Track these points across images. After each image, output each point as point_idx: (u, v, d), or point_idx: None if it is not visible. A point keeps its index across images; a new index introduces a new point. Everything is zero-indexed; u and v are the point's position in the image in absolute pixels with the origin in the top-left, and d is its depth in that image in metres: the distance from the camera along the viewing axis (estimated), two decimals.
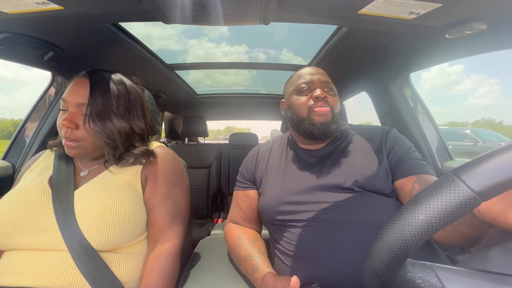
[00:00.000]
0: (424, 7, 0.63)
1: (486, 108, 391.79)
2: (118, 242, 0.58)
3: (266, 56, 1.74)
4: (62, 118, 0.60)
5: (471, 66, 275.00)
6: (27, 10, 0.64)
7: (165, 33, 0.98)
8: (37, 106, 1.15)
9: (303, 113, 0.73)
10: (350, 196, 0.64)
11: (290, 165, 0.76)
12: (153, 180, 0.67)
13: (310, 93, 0.73)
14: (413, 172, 0.64)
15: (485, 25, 0.67)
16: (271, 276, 0.59)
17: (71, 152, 0.63)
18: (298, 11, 0.70)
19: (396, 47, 0.94)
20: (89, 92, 0.62)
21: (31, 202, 0.58)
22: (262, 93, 2.20)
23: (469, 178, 0.26)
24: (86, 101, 0.61)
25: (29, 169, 0.69)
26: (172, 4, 0.63)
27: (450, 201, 0.26)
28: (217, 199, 2.12)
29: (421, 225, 0.27)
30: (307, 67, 0.80)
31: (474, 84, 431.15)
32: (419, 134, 1.22)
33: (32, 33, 0.77)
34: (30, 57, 0.88)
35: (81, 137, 0.61)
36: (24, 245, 0.56)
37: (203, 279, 0.68)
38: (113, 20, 0.78)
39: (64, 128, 0.61)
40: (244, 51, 1.79)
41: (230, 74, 1.90)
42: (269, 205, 0.71)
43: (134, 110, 0.69)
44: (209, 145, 2.16)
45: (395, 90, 1.29)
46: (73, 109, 0.62)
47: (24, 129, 1.15)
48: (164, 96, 1.86)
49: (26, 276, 0.53)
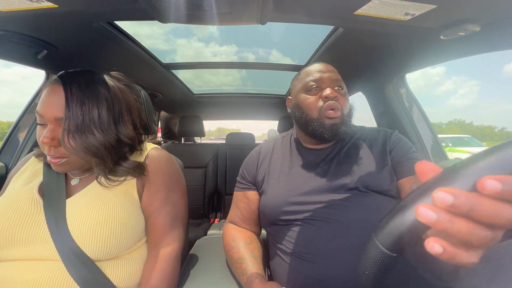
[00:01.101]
0: (419, 9, 0.64)
1: (466, 108, 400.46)
2: (116, 251, 0.56)
3: (263, 56, 1.74)
4: (42, 136, 0.54)
5: (452, 68, 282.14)
6: (21, 8, 0.63)
7: (153, 31, 0.97)
8: (31, 106, 1.14)
9: (313, 114, 0.70)
10: (355, 197, 0.64)
11: (295, 164, 0.74)
12: (150, 186, 0.64)
13: (320, 92, 0.70)
14: (413, 172, 0.64)
15: (478, 27, 0.68)
16: (258, 282, 0.58)
17: (59, 169, 0.59)
18: (294, 11, 0.71)
19: (392, 48, 0.95)
20: (65, 104, 0.53)
21: (21, 214, 0.55)
22: (259, 93, 2.21)
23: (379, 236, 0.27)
24: (63, 115, 0.54)
25: (17, 174, 0.66)
26: (168, 3, 0.63)
27: None
28: (213, 199, 2.11)
29: None
30: (316, 63, 0.76)
31: (455, 85, 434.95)
32: (414, 134, 1.24)
33: (25, 31, 0.76)
34: (24, 55, 0.87)
35: (67, 153, 0.55)
36: (15, 257, 0.53)
37: (200, 279, 0.68)
38: (108, 18, 0.77)
39: (46, 146, 0.55)
40: (239, 51, 1.79)
41: (220, 74, 1.89)
42: (274, 205, 0.70)
43: (120, 116, 0.61)
44: (206, 145, 2.16)
45: (390, 90, 1.30)
46: (51, 125, 0.55)
47: (17, 129, 1.14)
48: (160, 96, 1.85)
49: (15, 285, 0.51)
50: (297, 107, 0.75)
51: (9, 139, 1.12)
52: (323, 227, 0.62)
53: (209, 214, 2.05)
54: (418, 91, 25.43)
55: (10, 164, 1.07)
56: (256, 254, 0.69)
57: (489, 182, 0.21)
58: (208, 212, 2.03)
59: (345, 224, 0.60)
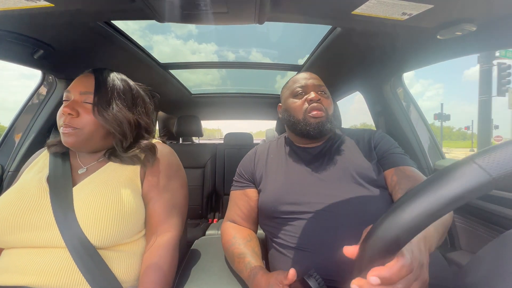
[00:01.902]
0: (416, 8, 0.64)
1: (432, 110, 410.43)
2: (117, 238, 0.58)
3: (260, 56, 1.74)
4: (64, 106, 0.62)
5: (421, 71, 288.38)
6: (17, 7, 0.63)
7: (127, 27, 0.97)
8: (27, 106, 1.13)
9: (299, 115, 0.78)
10: (349, 188, 0.68)
11: (290, 162, 0.80)
12: (151, 174, 0.68)
13: (305, 96, 0.79)
14: (394, 164, 0.71)
15: (474, 27, 0.68)
16: (262, 273, 0.60)
17: (67, 140, 0.63)
18: (292, 11, 0.71)
19: (389, 48, 0.95)
20: (95, 83, 0.65)
21: (29, 200, 0.58)
22: (257, 93, 2.21)
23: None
24: (91, 90, 0.64)
25: (28, 167, 0.69)
26: (166, 2, 0.62)
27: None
28: (212, 199, 2.11)
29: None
30: (302, 72, 0.86)
31: (423, 88, 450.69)
32: (411, 134, 1.24)
33: (21, 31, 0.76)
34: (19, 55, 0.86)
35: (80, 124, 0.62)
36: (23, 242, 0.56)
37: (198, 279, 0.68)
38: (105, 18, 0.77)
39: (64, 116, 0.62)
40: (236, 51, 1.79)
41: (199, 73, 1.88)
42: (273, 199, 0.73)
43: (139, 105, 0.72)
44: (204, 145, 2.15)
45: (388, 90, 1.30)
46: (75, 97, 0.64)
47: (13, 130, 1.13)
48: (158, 96, 1.84)
49: (24, 274, 0.53)
50: (286, 111, 0.83)
51: (4, 140, 1.11)
52: (320, 219, 0.66)
53: (208, 214, 2.04)
54: None
55: (6, 165, 1.06)
56: (257, 251, 0.71)
57: (371, 279, 0.29)
58: (207, 213, 2.03)
59: (340, 215, 0.65)
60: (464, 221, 0.98)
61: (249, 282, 0.62)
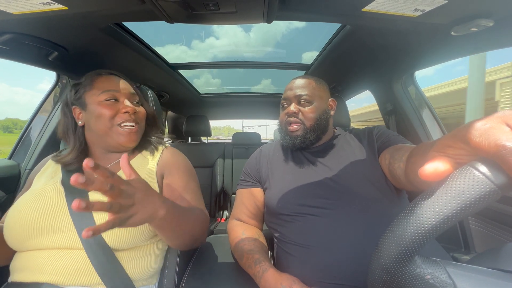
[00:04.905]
0: (429, 4, 0.62)
1: None
2: (135, 241, 0.58)
3: (269, 55, 1.73)
4: (127, 105, 0.68)
5: None
6: (32, 11, 0.65)
7: (138, 28, 1.00)
8: (42, 106, 1.17)
9: (283, 127, 0.83)
10: (353, 186, 0.68)
11: (296, 161, 0.80)
12: (170, 173, 0.71)
13: (286, 109, 0.81)
14: (388, 145, 0.70)
15: (491, 22, 0.66)
16: (273, 271, 0.60)
17: (132, 138, 0.69)
18: (301, 9, 0.70)
19: (401, 45, 0.93)
20: (129, 84, 0.73)
21: (48, 204, 0.59)
22: (266, 92, 2.20)
23: (489, 171, 0.24)
24: (132, 90, 0.72)
25: (39, 173, 0.70)
26: (175, 3, 0.63)
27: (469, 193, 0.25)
28: (220, 198, 2.12)
29: (436, 218, 0.26)
30: (292, 80, 0.85)
31: None
32: (423, 133, 1.21)
33: (36, 33, 0.78)
34: (35, 57, 0.89)
35: (139, 119, 0.71)
36: (42, 245, 0.57)
37: (206, 277, 0.68)
38: (116, 20, 0.78)
39: (126, 114, 0.68)
40: (245, 50, 1.79)
41: (207, 73, 1.92)
42: (279, 198, 0.74)
43: None
44: (212, 145, 2.16)
45: (399, 88, 1.27)
46: (128, 98, 0.71)
47: (30, 129, 1.17)
48: (167, 96, 1.86)
49: (42, 273, 0.54)
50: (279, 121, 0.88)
51: (22, 139, 1.15)
52: (325, 217, 0.66)
53: (216, 213, 2.06)
54: (367, 93, 24.01)
55: (23, 163, 1.10)
56: (265, 249, 0.72)
57: None
58: (215, 212, 2.04)
59: (345, 214, 0.65)
60: (478, 224, 0.94)
61: (256, 277, 0.62)
